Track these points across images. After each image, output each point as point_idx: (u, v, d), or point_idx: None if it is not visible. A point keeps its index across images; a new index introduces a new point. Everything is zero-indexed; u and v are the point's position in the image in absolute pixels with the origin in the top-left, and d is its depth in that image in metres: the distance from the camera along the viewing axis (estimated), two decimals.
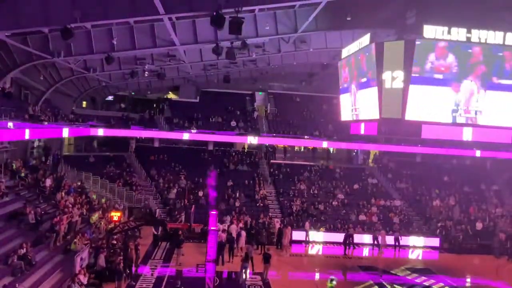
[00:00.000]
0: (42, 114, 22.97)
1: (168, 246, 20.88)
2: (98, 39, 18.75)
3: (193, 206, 24.41)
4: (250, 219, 23.64)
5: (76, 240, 16.95)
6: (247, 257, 16.85)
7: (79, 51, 19.31)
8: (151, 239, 21.21)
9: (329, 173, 32.12)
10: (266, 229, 22.58)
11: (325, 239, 23.73)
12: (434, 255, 23.41)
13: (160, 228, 21.28)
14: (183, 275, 16.58)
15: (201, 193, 27.33)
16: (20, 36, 17.44)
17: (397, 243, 22.77)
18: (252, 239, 20.37)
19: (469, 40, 14.19)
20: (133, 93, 38.51)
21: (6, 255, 14.20)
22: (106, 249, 16.80)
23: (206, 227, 20.35)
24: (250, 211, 25.70)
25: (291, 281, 17.83)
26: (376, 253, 22.46)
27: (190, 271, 17.23)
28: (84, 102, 34.46)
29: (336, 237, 23.45)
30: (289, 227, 22.53)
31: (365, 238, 23.71)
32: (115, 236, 18.27)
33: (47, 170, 23.75)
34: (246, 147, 35.78)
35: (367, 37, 15.92)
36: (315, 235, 23.67)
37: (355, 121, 18.85)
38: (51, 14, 14.50)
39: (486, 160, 32.92)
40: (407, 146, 30.56)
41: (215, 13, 13.08)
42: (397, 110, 14.63)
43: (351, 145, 31.77)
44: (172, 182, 28.64)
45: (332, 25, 20.46)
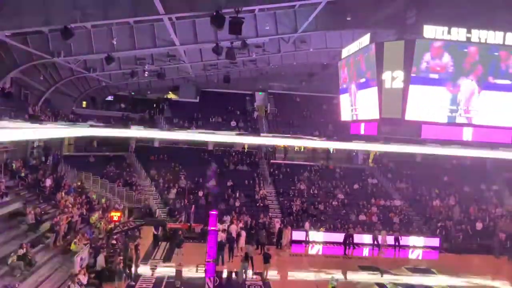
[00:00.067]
0: (42, 114, 23.01)
1: (168, 246, 20.88)
2: (98, 39, 18.74)
3: (193, 206, 24.39)
4: (250, 219, 23.67)
5: (76, 240, 16.92)
6: (247, 257, 16.86)
7: (79, 51, 19.32)
8: (151, 239, 21.22)
9: (329, 173, 32.13)
10: (266, 229, 22.59)
11: (325, 239, 23.72)
12: (434, 255, 23.40)
13: (160, 228, 21.29)
14: (183, 275, 16.57)
15: (201, 193, 27.32)
16: (20, 36, 17.43)
17: (397, 243, 22.76)
18: (252, 239, 20.36)
19: (469, 40, 14.15)
20: (133, 93, 38.43)
21: (6, 255, 14.17)
22: (106, 249, 16.79)
23: (206, 227, 20.32)
24: (250, 211, 25.71)
25: (291, 281, 17.86)
26: (376, 253, 22.47)
27: (190, 271, 17.22)
28: (84, 102, 34.38)
29: (336, 237, 23.46)
30: (289, 227, 22.56)
31: (365, 238, 23.71)
32: (115, 236, 18.25)
33: (47, 170, 23.76)
34: (246, 147, 35.75)
35: (367, 37, 15.88)
36: (315, 235, 23.65)
37: (355, 121, 18.84)
38: (51, 14, 14.49)
39: (486, 160, 32.85)
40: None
41: (215, 13, 13.09)
42: (397, 110, 14.62)
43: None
44: (172, 182, 28.64)
45: (332, 25, 20.40)
